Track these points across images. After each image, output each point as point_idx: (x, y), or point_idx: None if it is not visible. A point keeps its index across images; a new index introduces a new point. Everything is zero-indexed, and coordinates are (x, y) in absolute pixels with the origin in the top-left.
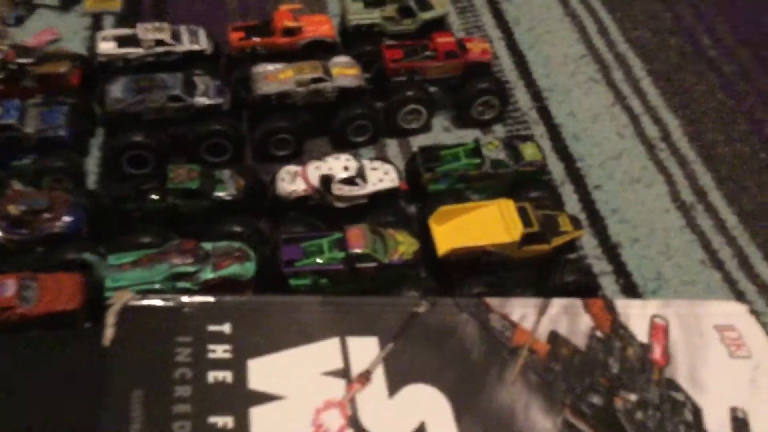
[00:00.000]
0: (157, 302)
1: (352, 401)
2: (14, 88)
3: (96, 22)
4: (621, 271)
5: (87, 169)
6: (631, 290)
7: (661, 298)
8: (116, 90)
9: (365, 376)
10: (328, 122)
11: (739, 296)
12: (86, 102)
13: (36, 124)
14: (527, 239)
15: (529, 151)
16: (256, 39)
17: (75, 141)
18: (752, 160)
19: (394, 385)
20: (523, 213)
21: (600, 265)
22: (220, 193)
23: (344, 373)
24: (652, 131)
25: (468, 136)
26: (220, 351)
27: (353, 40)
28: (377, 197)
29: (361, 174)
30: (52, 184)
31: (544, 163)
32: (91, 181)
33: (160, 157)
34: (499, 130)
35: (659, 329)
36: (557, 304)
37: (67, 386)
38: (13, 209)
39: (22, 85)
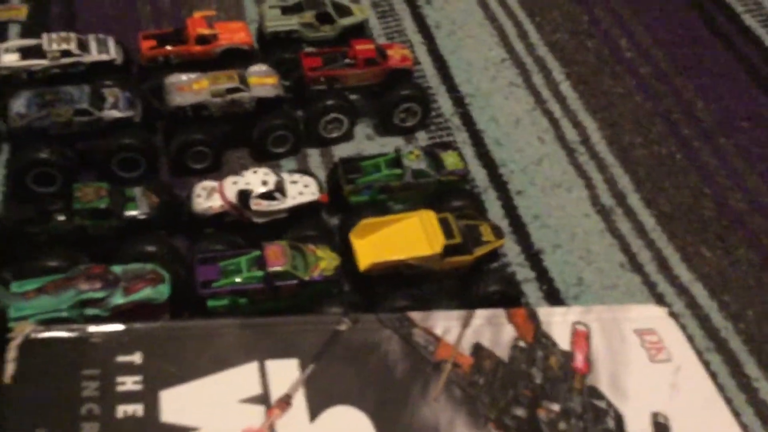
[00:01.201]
0: (62, 333)
1: (272, 428)
2: None
3: None
4: (543, 278)
5: None
6: (553, 296)
7: (583, 303)
8: (19, 105)
9: (285, 401)
10: (246, 133)
11: (659, 299)
12: None
13: None
14: (449, 251)
15: (450, 159)
16: (169, 47)
17: None
18: (669, 162)
19: (315, 409)
20: (444, 224)
21: (523, 272)
22: (132, 212)
23: (263, 398)
24: (571, 135)
25: (391, 143)
26: (129, 383)
27: (271, 47)
28: (298, 211)
29: (280, 188)
30: None
31: (466, 171)
32: None
33: (69, 175)
34: (423, 136)
35: (581, 336)
36: (481, 315)
37: None
38: None
39: None
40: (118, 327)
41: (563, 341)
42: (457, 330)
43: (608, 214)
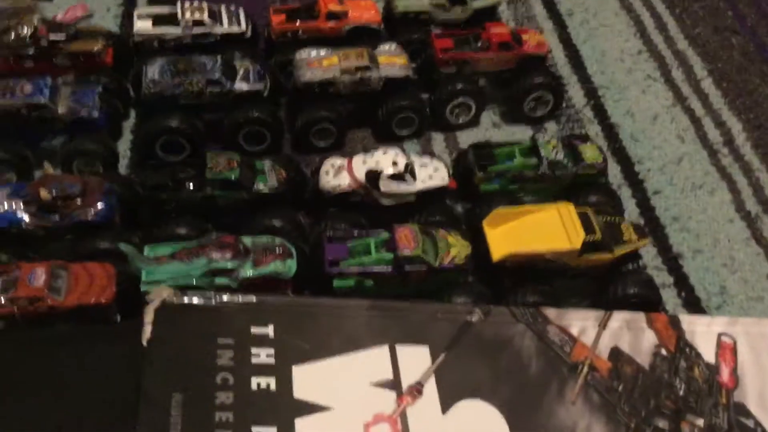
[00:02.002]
0: (198, 300)
1: (403, 416)
2: (45, 65)
3: None
4: (683, 284)
5: (119, 152)
6: (693, 305)
7: (726, 314)
8: (154, 71)
9: (416, 389)
10: (371, 113)
11: None
12: (119, 82)
13: (68, 103)
14: (588, 247)
15: (589, 152)
16: (299, 23)
17: (108, 123)
18: None
19: (447, 400)
20: (584, 219)
21: (660, 277)
22: (261, 185)
23: (394, 384)
24: (714, 135)
25: (518, 133)
26: (263, 355)
27: (399, 27)
28: (425, 195)
29: (410, 170)
30: (83, 167)
31: (606, 165)
32: (123, 165)
33: (196, 144)
34: (552, 127)
35: (726, 349)
36: (618, 317)
37: (102, 385)
38: (44, 193)
39: (53, 62)
40: (251, 298)
41: (708, 353)
42: (594, 331)
43: (754, 221)
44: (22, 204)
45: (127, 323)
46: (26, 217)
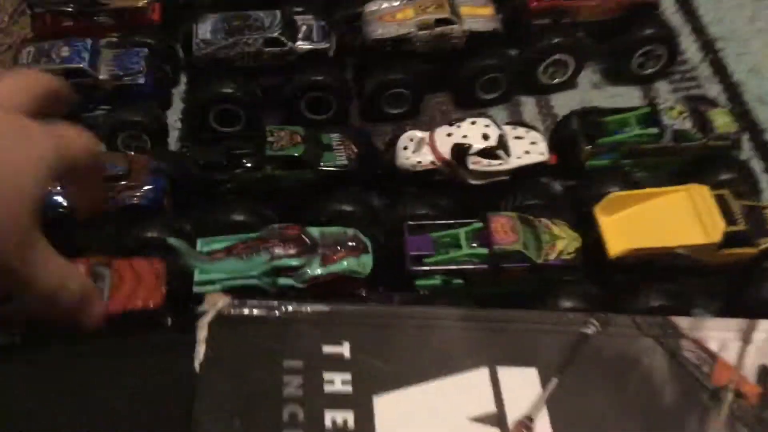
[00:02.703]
0: (260, 311)
1: None
2: (85, 24)
3: None
4: None
5: (169, 124)
6: None
7: None
8: (205, 30)
9: (525, 426)
10: (452, 74)
11: None
12: (168, 43)
13: (111, 69)
14: (729, 240)
15: (720, 119)
16: None
17: (156, 90)
18: None
19: None
20: (723, 204)
21: None
22: (329, 163)
23: (498, 419)
24: None
25: (623, 94)
26: (338, 382)
27: None
28: (520, 173)
29: (503, 144)
30: (129, 141)
31: (740, 135)
32: (173, 138)
33: (254, 113)
34: (664, 88)
35: None
36: (765, 327)
37: (143, 416)
38: None
39: (94, 21)
40: (323, 307)
41: None
42: (737, 345)
43: None
44: (58, 186)
45: (176, 336)
46: (63, 200)
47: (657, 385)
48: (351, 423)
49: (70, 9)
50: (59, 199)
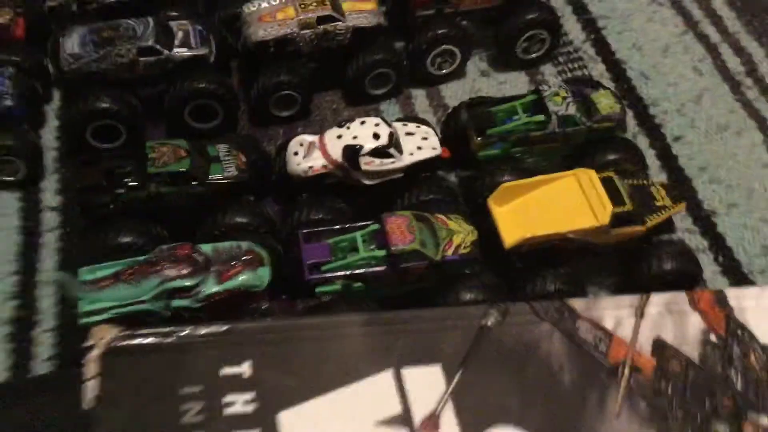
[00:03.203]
0: (152, 339)
1: None
2: None
3: None
4: (719, 246)
5: (44, 144)
6: (734, 271)
7: None
8: (72, 44)
9: (432, 422)
10: (339, 72)
11: None
12: (36, 59)
13: None
14: (618, 220)
15: (604, 101)
16: None
17: (26, 111)
18: None
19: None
20: (609, 185)
21: (693, 240)
22: (217, 175)
23: (405, 419)
24: (734, 64)
25: (510, 80)
26: (240, 402)
27: None
28: (414, 170)
29: (394, 142)
30: (2, 167)
31: (624, 115)
32: (50, 158)
33: (134, 127)
34: (549, 71)
35: None
36: (657, 301)
37: None
38: None
39: None
40: (221, 327)
41: (762, 332)
42: (631, 321)
43: None
44: None
45: (68, 375)
46: None
47: (556, 368)
48: None
49: None
50: None
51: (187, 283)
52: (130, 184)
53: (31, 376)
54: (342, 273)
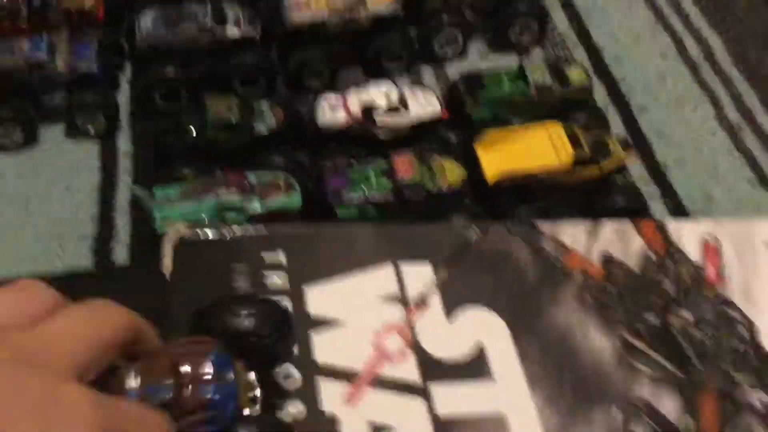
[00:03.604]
0: (212, 234)
1: (411, 325)
2: (39, 24)
3: None
4: (668, 194)
5: (119, 104)
6: (680, 212)
7: (712, 218)
8: (147, 23)
9: (422, 301)
10: (361, 50)
11: None
12: (114, 37)
13: (66, 59)
14: (578, 162)
15: (575, 74)
16: None
17: (106, 76)
18: None
19: (450, 309)
20: (572, 136)
21: (647, 188)
22: (261, 126)
23: (401, 298)
24: (695, 51)
25: (505, 61)
26: (276, 278)
27: None
28: (419, 126)
29: (403, 102)
30: (85, 121)
31: (591, 86)
32: (124, 116)
33: (193, 91)
34: (538, 54)
35: (711, 249)
36: (608, 226)
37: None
38: None
39: (47, 21)
40: (261, 228)
41: (694, 254)
42: (586, 240)
43: (735, 132)
44: None
45: (145, 261)
46: None
47: (522, 270)
48: (289, 305)
49: (23, 11)
50: None
51: (237, 201)
52: (193, 130)
53: (105, 266)
54: (357, 198)
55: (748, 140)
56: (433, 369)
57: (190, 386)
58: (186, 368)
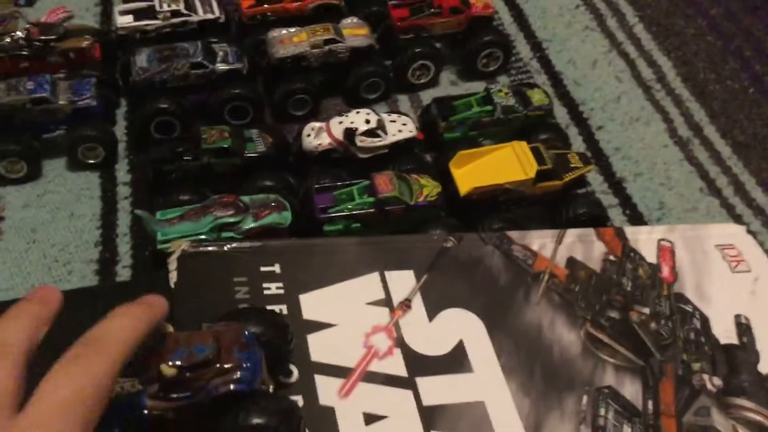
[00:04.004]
0: (212, 248)
1: (397, 326)
2: (39, 64)
3: None
4: (627, 203)
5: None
6: (637, 220)
7: (666, 224)
8: (142, 60)
9: (406, 304)
10: (341, 81)
11: (737, 219)
12: (109, 74)
13: (68, 95)
14: (541, 176)
15: (536, 96)
16: (267, 5)
17: (105, 111)
18: (742, 96)
19: (432, 311)
20: (536, 152)
21: (607, 199)
22: (251, 151)
23: (386, 302)
24: (647, 74)
25: (474, 88)
26: (273, 288)
27: (357, 2)
28: (397, 147)
29: (381, 126)
30: (85, 153)
31: (551, 106)
32: (121, 148)
33: (186, 123)
34: (504, 80)
35: (666, 251)
36: (572, 233)
37: None
38: (167, 369)
39: (47, 61)
40: (257, 243)
41: (650, 255)
42: (552, 246)
43: (686, 145)
44: (138, 385)
45: (149, 276)
46: (148, 401)
47: (495, 274)
48: (285, 311)
49: (26, 53)
50: (143, 400)
51: (233, 220)
52: (188, 157)
53: (112, 282)
54: (343, 214)
55: (698, 152)
56: (418, 364)
57: (228, 349)
58: (225, 337)
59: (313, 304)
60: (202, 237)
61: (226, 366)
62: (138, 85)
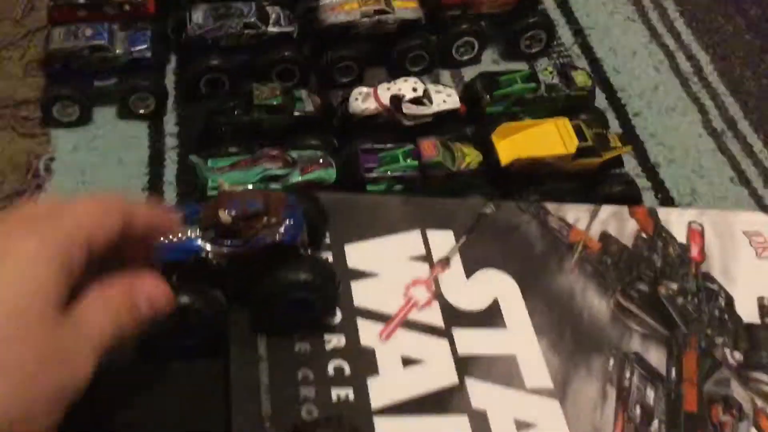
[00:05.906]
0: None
1: (436, 280)
2: (95, 15)
3: None
4: (659, 188)
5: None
6: (668, 203)
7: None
8: (198, 17)
9: (445, 262)
10: (386, 52)
11: (765, 209)
12: (162, 28)
13: (124, 46)
14: (581, 152)
15: (580, 77)
16: None
17: (158, 63)
18: None
19: (469, 269)
20: (578, 130)
21: (641, 182)
22: (300, 110)
23: (427, 258)
24: (685, 66)
25: (515, 68)
26: None
27: None
28: (440, 117)
29: (427, 95)
30: (136, 102)
31: (594, 88)
32: (170, 102)
33: (234, 81)
34: (545, 62)
35: (695, 233)
36: (606, 209)
37: None
38: (224, 216)
39: (102, 12)
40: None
41: (680, 236)
42: (587, 220)
43: (719, 136)
44: (198, 231)
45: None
46: (207, 246)
47: (531, 241)
48: (331, 258)
49: (82, 2)
50: (202, 244)
51: (280, 172)
52: (239, 111)
53: None
54: (387, 175)
55: (731, 144)
56: (455, 316)
57: (275, 208)
58: (272, 198)
59: (357, 254)
60: (250, 187)
61: (273, 220)
62: (192, 41)
